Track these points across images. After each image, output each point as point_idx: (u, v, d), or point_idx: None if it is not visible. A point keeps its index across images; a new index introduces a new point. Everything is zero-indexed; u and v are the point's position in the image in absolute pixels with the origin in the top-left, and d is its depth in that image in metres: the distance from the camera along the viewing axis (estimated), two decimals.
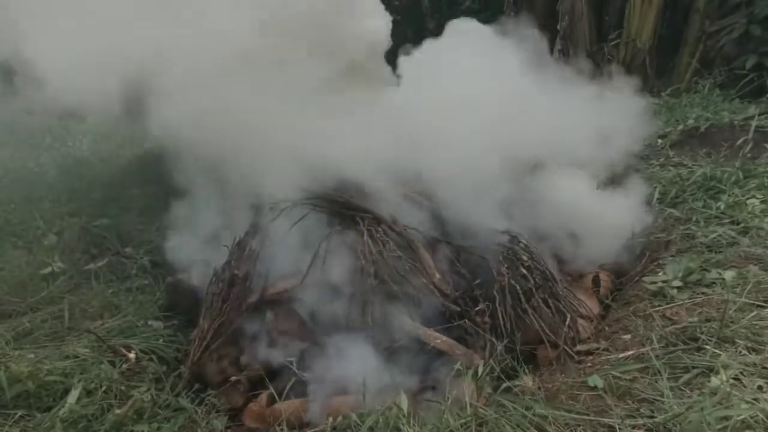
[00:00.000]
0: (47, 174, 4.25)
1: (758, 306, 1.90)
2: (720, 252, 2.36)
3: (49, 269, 2.71)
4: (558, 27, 6.34)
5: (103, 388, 1.77)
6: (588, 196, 2.69)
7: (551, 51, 6.42)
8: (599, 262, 2.69)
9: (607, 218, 2.64)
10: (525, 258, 2.32)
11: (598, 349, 2.00)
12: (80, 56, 2.11)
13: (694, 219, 2.72)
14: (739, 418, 1.37)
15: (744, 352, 1.69)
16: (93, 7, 2.20)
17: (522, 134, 2.51)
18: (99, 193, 3.70)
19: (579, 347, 2.07)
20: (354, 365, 2.01)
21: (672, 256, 2.45)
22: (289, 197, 2.35)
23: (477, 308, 2.14)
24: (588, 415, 1.58)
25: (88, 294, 2.55)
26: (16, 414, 1.65)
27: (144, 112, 2.30)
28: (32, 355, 1.90)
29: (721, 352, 1.69)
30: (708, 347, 1.73)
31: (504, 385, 1.80)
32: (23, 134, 5.48)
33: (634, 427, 1.48)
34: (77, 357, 1.94)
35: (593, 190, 2.74)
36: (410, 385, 1.95)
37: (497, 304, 2.14)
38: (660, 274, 2.32)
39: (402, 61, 2.86)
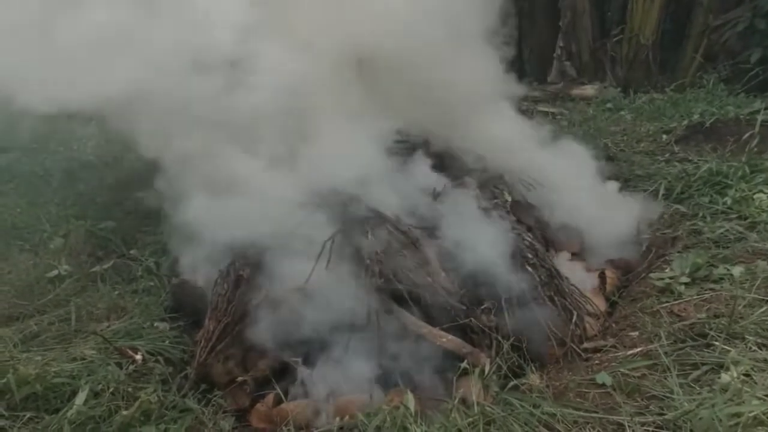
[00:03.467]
0: (52, 178, 4.27)
1: (767, 301, 1.88)
2: (727, 247, 2.34)
3: (55, 272, 2.72)
4: (560, 23, 6.32)
5: (111, 390, 1.78)
6: None
7: (554, 48, 6.41)
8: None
9: None
10: (530, 255, 2.31)
11: (605, 346, 1.99)
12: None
13: (700, 214, 2.70)
14: (750, 415, 1.36)
15: (754, 348, 1.67)
16: None
17: None
18: (104, 196, 3.71)
19: (586, 345, 2.06)
20: (360, 365, 2.01)
21: (679, 251, 2.44)
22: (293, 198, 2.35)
23: (483, 306, 2.14)
24: (597, 412, 1.57)
25: (94, 296, 2.56)
26: (24, 416, 1.66)
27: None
28: (40, 358, 1.90)
29: (731, 348, 1.67)
30: (717, 343, 1.72)
31: (511, 384, 1.79)
32: (28, 138, 5.51)
33: (643, 424, 1.47)
34: (84, 359, 1.94)
35: None
36: (417, 385, 1.94)
37: (503, 303, 2.13)
38: (667, 270, 2.30)
39: None
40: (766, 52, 4.86)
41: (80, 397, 1.69)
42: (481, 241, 2.28)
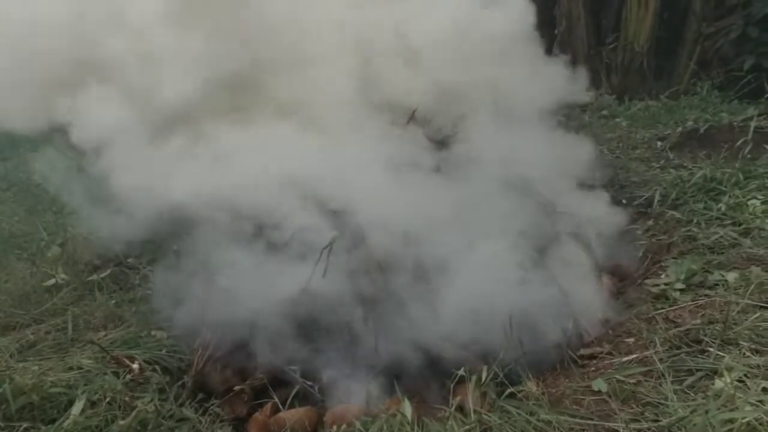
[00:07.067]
0: (50, 186, 4.27)
1: (761, 307, 1.89)
2: (722, 253, 2.36)
3: (52, 281, 2.72)
4: (555, 31, 6.37)
5: (107, 400, 1.77)
6: None
7: (549, 55, 6.46)
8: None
9: None
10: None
11: (601, 352, 2.00)
12: None
13: (695, 221, 2.72)
14: (743, 421, 1.37)
15: (748, 354, 1.68)
16: None
17: None
18: (101, 205, 3.72)
19: (582, 351, 2.06)
20: (357, 372, 2.01)
21: (674, 258, 2.45)
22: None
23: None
24: (592, 419, 1.58)
25: (91, 305, 2.56)
26: (20, 426, 1.65)
27: None
28: (36, 367, 1.90)
29: (725, 355, 1.68)
30: (711, 349, 1.73)
31: (508, 391, 1.79)
32: (25, 147, 5.53)
33: (638, 431, 1.48)
34: (81, 368, 1.94)
35: None
36: (414, 392, 1.94)
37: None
38: (662, 276, 2.32)
39: None
40: (759, 59, 4.91)
41: (77, 407, 1.69)
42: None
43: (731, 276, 2.12)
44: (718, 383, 1.54)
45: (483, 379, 1.79)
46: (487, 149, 2.58)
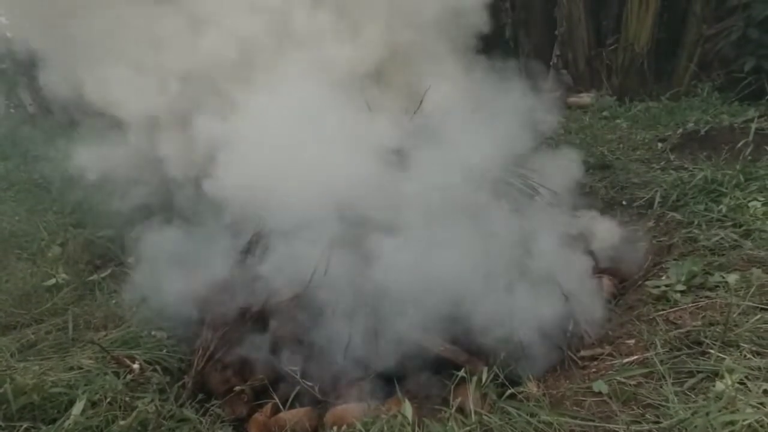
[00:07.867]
0: (51, 186, 4.28)
1: (762, 309, 1.89)
2: (723, 255, 2.36)
3: (53, 281, 2.73)
4: (556, 32, 6.39)
5: (108, 400, 1.77)
6: None
7: (550, 57, 6.48)
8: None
9: None
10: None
11: (602, 354, 2.00)
12: None
13: (696, 222, 2.72)
14: (744, 423, 1.37)
15: (749, 355, 1.68)
16: None
17: None
18: (102, 204, 3.72)
19: (583, 353, 2.06)
20: (358, 373, 2.01)
21: (675, 259, 2.45)
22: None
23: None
24: (593, 421, 1.58)
25: (91, 305, 2.56)
26: (21, 426, 1.65)
27: None
28: (37, 367, 1.90)
29: (726, 356, 1.68)
30: (712, 351, 1.73)
31: (508, 392, 1.79)
32: (27, 146, 5.54)
33: None
34: (81, 368, 1.94)
35: None
36: (415, 393, 1.94)
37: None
38: (663, 278, 2.32)
39: None
40: (760, 61, 4.92)
41: (77, 407, 1.69)
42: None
43: (732, 278, 2.12)
44: (719, 385, 1.54)
45: (483, 380, 1.79)
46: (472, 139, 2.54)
